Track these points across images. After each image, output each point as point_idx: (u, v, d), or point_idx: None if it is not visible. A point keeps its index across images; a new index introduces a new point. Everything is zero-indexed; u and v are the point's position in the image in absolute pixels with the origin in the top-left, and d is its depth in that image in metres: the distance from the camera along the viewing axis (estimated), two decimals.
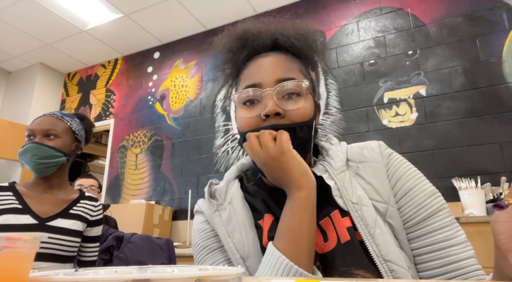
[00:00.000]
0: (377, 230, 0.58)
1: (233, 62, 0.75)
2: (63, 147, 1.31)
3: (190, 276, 0.26)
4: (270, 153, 0.59)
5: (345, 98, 2.93)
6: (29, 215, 1.24)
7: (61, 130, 1.31)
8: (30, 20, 3.65)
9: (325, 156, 0.71)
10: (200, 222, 0.73)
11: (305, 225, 0.57)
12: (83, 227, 1.34)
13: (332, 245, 0.60)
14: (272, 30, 0.73)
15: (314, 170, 0.66)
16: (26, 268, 0.28)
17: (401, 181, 0.64)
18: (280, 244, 0.56)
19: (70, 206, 1.34)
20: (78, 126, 1.40)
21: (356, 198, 0.61)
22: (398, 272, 0.55)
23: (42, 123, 1.29)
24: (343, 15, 3.15)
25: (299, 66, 0.71)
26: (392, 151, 0.70)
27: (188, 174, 3.48)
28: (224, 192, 0.73)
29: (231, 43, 0.75)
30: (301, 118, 0.65)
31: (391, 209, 0.62)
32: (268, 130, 0.62)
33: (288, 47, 0.72)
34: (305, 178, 0.59)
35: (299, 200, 0.58)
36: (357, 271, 0.56)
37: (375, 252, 0.56)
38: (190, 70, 3.82)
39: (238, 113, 0.68)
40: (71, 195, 1.37)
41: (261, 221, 0.67)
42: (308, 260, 0.55)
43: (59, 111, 1.38)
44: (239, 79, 0.72)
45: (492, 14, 2.56)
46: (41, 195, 1.31)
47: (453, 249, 0.58)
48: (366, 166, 0.67)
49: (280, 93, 0.65)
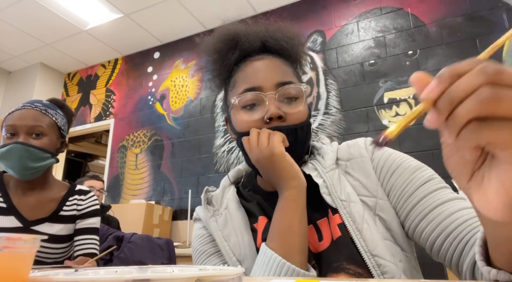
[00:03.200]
0: (365, 225, 0.59)
1: (222, 63, 0.75)
2: (50, 146, 1.15)
3: (190, 276, 0.26)
4: (263, 152, 0.61)
5: (345, 98, 2.93)
6: (14, 216, 1.12)
7: (47, 126, 1.14)
8: (30, 20, 3.65)
9: (316, 154, 0.72)
10: (198, 228, 0.75)
11: (295, 224, 0.58)
12: (73, 228, 1.22)
13: (327, 244, 0.62)
14: (260, 33, 0.74)
15: (303, 168, 0.67)
16: (26, 268, 0.28)
17: (386, 166, 0.65)
18: (272, 243, 0.58)
19: (59, 207, 1.20)
20: (62, 120, 1.23)
21: (345, 195, 0.62)
22: (386, 266, 0.55)
23: (25, 118, 1.10)
24: (343, 15, 3.15)
25: (292, 69, 0.72)
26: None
27: (188, 173, 3.48)
28: (220, 198, 0.75)
29: (220, 44, 0.75)
30: (300, 120, 0.66)
31: (381, 202, 0.63)
32: (269, 130, 0.63)
33: (278, 50, 0.73)
34: (296, 180, 0.61)
35: (288, 199, 0.60)
36: (348, 266, 0.57)
37: (362, 247, 0.57)
38: (190, 70, 3.82)
39: (237, 116, 0.69)
40: (58, 192, 1.23)
41: (256, 225, 0.68)
42: (301, 257, 0.56)
43: (39, 102, 1.17)
44: (235, 81, 0.72)
45: (492, 14, 2.56)
46: (25, 195, 1.17)
47: (443, 205, 0.57)
48: (353, 162, 0.68)
49: (281, 96, 0.66)
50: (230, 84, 0.73)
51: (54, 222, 1.18)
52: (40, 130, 1.12)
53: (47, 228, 1.16)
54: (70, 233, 1.22)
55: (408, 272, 0.59)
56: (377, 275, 0.55)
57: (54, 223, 1.18)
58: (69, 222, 1.21)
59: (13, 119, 1.10)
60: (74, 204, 1.24)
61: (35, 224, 1.15)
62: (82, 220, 1.24)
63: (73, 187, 1.29)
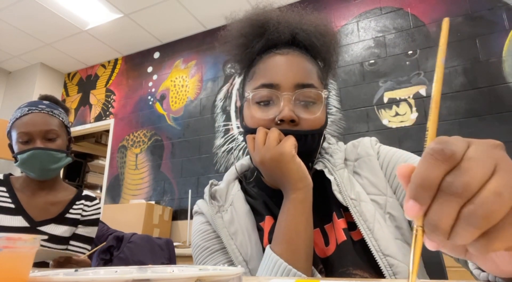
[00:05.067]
0: (376, 225, 0.58)
1: (245, 50, 0.71)
2: (64, 146, 1.22)
3: (190, 276, 0.26)
4: (271, 151, 0.59)
5: (345, 98, 2.93)
6: (22, 216, 1.16)
7: (58, 128, 1.20)
8: (30, 20, 3.65)
9: (324, 154, 0.71)
10: (201, 223, 0.71)
11: (301, 227, 0.56)
12: (74, 231, 1.25)
13: (333, 248, 0.61)
14: (292, 24, 0.69)
15: (314, 166, 0.66)
16: (26, 268, 0.28)
17: (392, 163, 0.65)
18: (277, 247, 0.56)
19: (66, 209, 1.24)
20: (66, 117, 1.28)
21: (355, 194, 0.61)
22: (398, 266, 0.54)
23: (38, 123, 1.16)
24: (343, 15, 3.15)
25: (317, 69, 0.68)
26: (381, 145, 0.71)
27: (188, 174, 3.47)
28: (225, 193, 0.72)
29: (247, 29, 0.70)
30: (313, 127, 0.63)
31: (390, 200, 0.62)
32: (278, 131, 0.61)
33: (308, 46, 0.69)
34: (303, 181, 0.59)
35: (295, 201, 0.58)
36: (355, 271, 0.57)
37: (374, 247, 0.56)
38: (190, 70, 3.82)
39: (250, 110, 0.66)
40: (66, 195, 1.27)
41: (262, 223, 0.67)
42: (306, 262, 0.55)
43: (42, 104, 1.22)
44: (254, 72, 0.68)
45: (492, 14, 2.56)
46: (34, 195, 1.21)
47: None
48: (361, 162, 0.68)
49: (297, 99, 0.63)
50: (249, 74, 0.69)
51: (60, 223, 1.22)
52: (54, 133, 1.19)
53: (53, 228, 1.19)
54: (72, 235, 1.24)
55: (419, 272, 0.59)
56: (389, 275, 0.54)
57: (59, 224, 1.21)
58: (72, 225, 1.25)
59: (26, 126, 1.15)
60: (80, 208, 1.28)
61: (42, 224, 1.18)
62: (83, 226, 1.27)
63: (80, 191, 1.33)
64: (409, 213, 0.27)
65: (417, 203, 0.27)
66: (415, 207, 0.27)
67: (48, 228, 1.18)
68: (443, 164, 0.26)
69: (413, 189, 0.27)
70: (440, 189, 0.26)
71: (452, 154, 0.26)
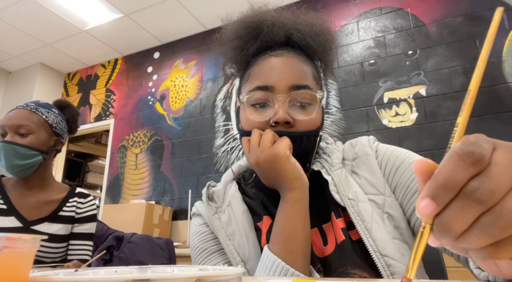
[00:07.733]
0: (374, 225, 0.58)
1: (240, 52, 0.71)
2: (39, 143, 1.17)
3: (190, 276, 0.26)
4: (265, 153, 0.59)
5: (345, 98, 2.93)
6: (14, 216, 1.15)
7: (35, 125, 1.16)
8: (30, 20, 3.65)
9: (322, 154, 0.70)
10: (198, 225, 0.71)
11: (298, 227, 0.57)
12: (71, 229, 1.24)
13: (331, 248, 0.61)
14: (287, 25, 0.69)
15: (312, 166, 0.66)
16: (26, 268, 0.28)
17: (390, 163, 0.65)
18: (274, 247, 0.56)
19: (59, 207, 1.22)
20: (56, 118, 1.24)
21: (352, 194, 0.61)
22: (395, 266, 0.54)
23: (13, 118, 1.14)
24: (343, 15, 3.15)
25: (312, 70, 0.68)
26: (379, 143, 0.71)
27: (188, 174, 3.47)
28: (223, 194, 0.72)
29: (242, 31, 0.71)
30: (308, 128, 0.63)
31: (389, 199, 0.62)
32: (272, 132, 0.61)
33: (303, 46, 0.69)
34: (298, 181, 0.59)
35: (291, 201, 0.58)
36: (354, 271, 0.57)
37: (372, 247, 0.56)
38: (190, 70, 3.82)
39: (245, 113, 0.66)
40: (59, 193, 1.25)
41: (260, 223, 0.67)
42: (303, 262, 0.55)
43: (34, 102, 1.22)
44: (249, 74, 0.68)
45: (492, 14, 2.54)
46: (24, 195, 1.20)
47: None
48: (359, 161, 0.67)
49: (292, 100, 0.63)
50: (245, 77, 0.70)
51: (53, 221, 1.20)
52: (26, 129, 1.15)
53: (47, 227, 1.18)
54: (68, 233, 1.23)
55: (419, 272, 0.59)
56: (387, 275, 0.54)
57: (53, 222, 1.20)
58: (67, 222, 1.23)
59: (3, 120, 1.15)
60: (73, 206, 1.26)
61: (34, 223, 1.17)
62: (79, 224, 1.25)
63: (73, 189, 1.31)
64: (423, 211, 0.26)
65: (433, 203, 0.25)
66: (431, 206, 0.26)
67: (42, 227, 1.17)
68: (471, 167, 0.25)
69: (433, 187, 0.26)
70: (461, 192, 0.25)
71: (482, 158, 0.25)
